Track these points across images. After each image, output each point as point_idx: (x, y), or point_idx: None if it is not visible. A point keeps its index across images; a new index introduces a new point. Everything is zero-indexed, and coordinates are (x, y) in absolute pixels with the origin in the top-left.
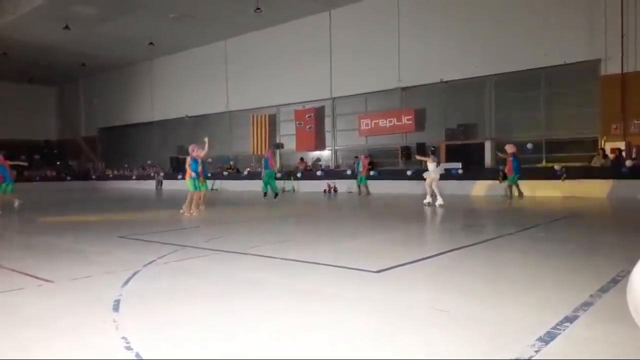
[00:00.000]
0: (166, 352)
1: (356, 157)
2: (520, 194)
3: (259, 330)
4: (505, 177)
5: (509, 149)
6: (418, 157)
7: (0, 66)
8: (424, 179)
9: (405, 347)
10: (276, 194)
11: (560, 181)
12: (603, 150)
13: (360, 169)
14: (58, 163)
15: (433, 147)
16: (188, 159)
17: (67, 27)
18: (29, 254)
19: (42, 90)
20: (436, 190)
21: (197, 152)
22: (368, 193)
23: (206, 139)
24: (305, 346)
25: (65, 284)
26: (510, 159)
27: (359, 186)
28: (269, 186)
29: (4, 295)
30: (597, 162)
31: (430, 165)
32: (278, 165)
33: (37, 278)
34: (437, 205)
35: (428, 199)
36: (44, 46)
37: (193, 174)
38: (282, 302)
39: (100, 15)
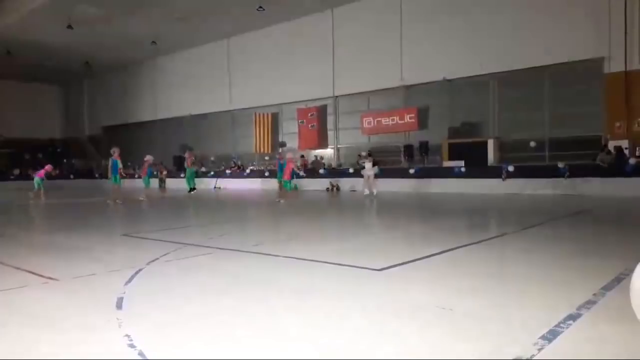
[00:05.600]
0: (169, 350)
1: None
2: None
3: (262, 329)
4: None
5: (288, 155)
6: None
7: (4, 65)
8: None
9: (408, 345)
10: (190, 190)
11: (563, 179)
12: (607, 146)
13: (284, 170)
14: (65, 161)
15: (369, 150)
16: (111, 160)
17: (69, 27)
18: (33, 251)
19: (46, 89)
20: (371, 184)
21: (117, 154)
22: (285, 196)
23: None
24: (308, 345)
25: (69, 281)
26: (282, 162)
27: (282, 187)
28: (191, 181)
29: (8, 293)
30: (602, 159)
31: (368, 164)
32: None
33: (41, 276)
34: (370, 195)
35: (367, 192)
36: (48, 45)
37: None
38: (286, 300)
39: (103, 15)
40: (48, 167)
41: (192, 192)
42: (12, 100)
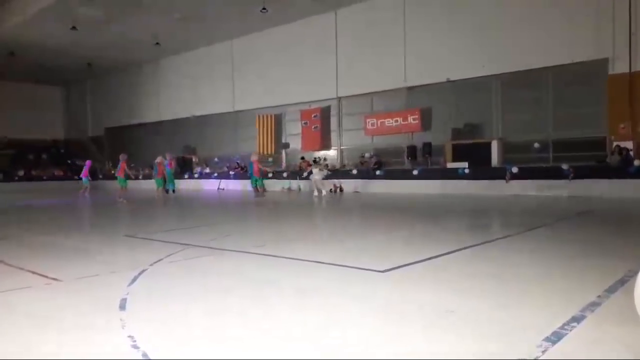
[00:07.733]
0: (173, 351)
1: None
2: (263, 190)
3: (265, 330)
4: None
5: (252, 156)
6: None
7: (8, 66)
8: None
9: (411, 346)
10: (167, 191)
11: (567, 181)
12: (618, 146)
13: (252, 170)
14: (69, 162)
15: (317, 157)
16: (123, 165)
17: (74, 28)
18: (36, 252)
19: (49, 90)
20: (319, 186)
21: (124, 160)
22: (262, 193)
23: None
24: (312, 345)
25: (72, 282)
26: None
27: (255, 187)
28: (172, 183)
29: (11, 294)
30: (612, 159)
31: (315, 169)
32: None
33: (44, 276)
34: (318, 196)
35: (316, 193)
36: (51, 47)
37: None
38: (289, 301)
39: (106, 16)
40: (87, 163)
41: (169, 193)
42: (15, 101)
